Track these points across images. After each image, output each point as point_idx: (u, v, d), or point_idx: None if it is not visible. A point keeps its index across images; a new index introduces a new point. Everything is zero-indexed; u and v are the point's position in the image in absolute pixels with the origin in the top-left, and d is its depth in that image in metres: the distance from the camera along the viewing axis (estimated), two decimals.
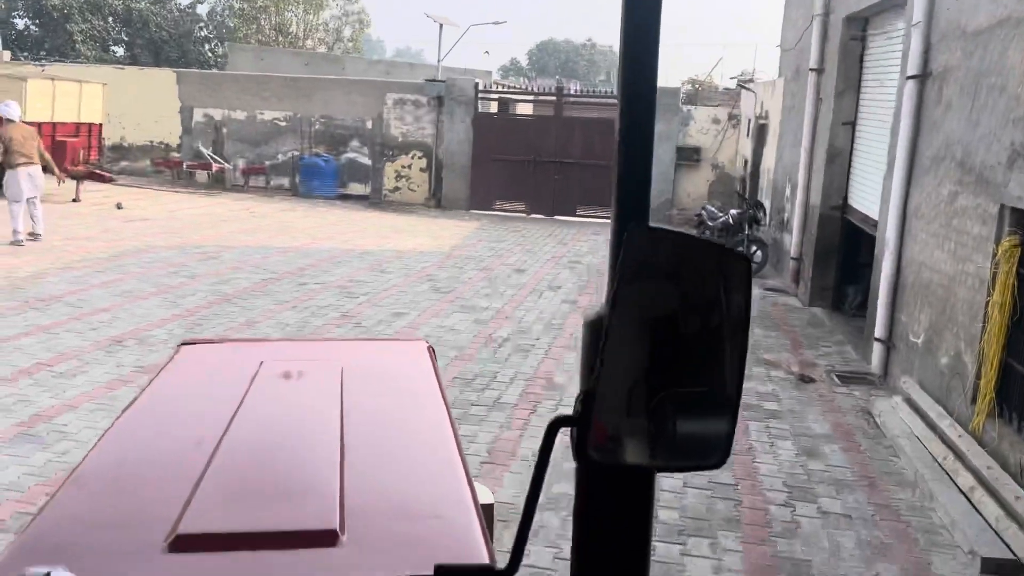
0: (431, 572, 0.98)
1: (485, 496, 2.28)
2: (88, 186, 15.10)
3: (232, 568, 0.99)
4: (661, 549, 3.87)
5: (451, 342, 7.41)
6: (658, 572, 3.67)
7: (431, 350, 2.02)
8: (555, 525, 4.05)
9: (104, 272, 9.37)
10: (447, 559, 0.99)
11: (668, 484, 4.58)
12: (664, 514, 4.22)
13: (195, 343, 1.98)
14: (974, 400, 4.86)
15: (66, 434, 4.84)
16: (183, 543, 1.02)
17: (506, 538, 3.95)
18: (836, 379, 6.69)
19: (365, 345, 2.12)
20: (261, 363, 1.73)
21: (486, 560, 1.06)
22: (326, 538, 1.05)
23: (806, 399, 6.20)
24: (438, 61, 23.08)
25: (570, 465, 1.02)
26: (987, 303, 4.78)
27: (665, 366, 1.00)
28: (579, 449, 0.97)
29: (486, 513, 2.18)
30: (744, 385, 4.59)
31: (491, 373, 6.55)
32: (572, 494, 1.12)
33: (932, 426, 5.16)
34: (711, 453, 1.00)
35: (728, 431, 0.99)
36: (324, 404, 1.52)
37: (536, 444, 5.24)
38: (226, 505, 1.14)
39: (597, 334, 1.18)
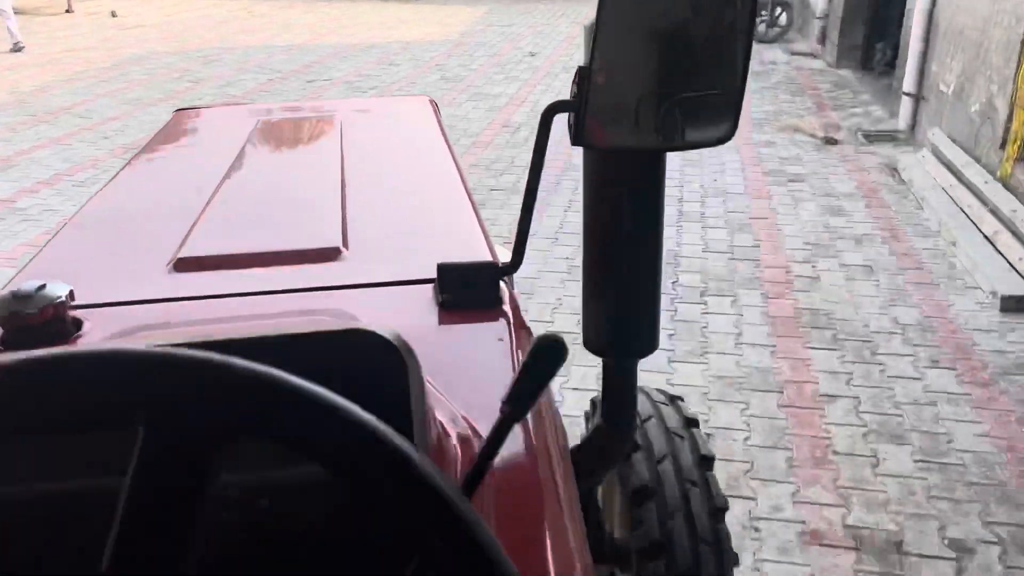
0: (434, 275, 0.98)
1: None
2: None
3: (236, 283, 1.00)
4: (682, 309, 3.96)
5: (465, 130, 7.28)
6: (681, 328, 3.78)
7: (434, 104, 1.96)
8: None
9: (108, 82, 9.16)
10: (450, 260, 0.99)
11: (688, 250, 4.61)
12: (684, 277, 4.28)
13: (190, 108, 1.93)
14: (1003, 145, 4.73)
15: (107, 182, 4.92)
16: (187, 264, 1.03)
17: (532, 309, 4.05)
18: (862, 138, 6.52)
19: (364, 102, 2.06)
20: (258, 120, 1.68)
21: (487, 258, 1.06)
22: (329, 254, 1.05)
23: (830, 160, 6.09)
24: None
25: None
26: (1022, 40, 4.53)
27: (670, 68, 0.94)
28: (576, 134, 0.94)
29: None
30: (766, 151, 4.52)
31: (508, 158, 6.47)
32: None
33: (958, 175, 5.07)
34: (716, 126, 0.95)
35: (734, 110, 0.94)
36: (324, 146, 1.49)
37: (554, 224, 5.29)
38: (228, 231, 1.14)
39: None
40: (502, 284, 1.00)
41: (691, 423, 1.89)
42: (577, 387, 3.30)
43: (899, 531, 2.55)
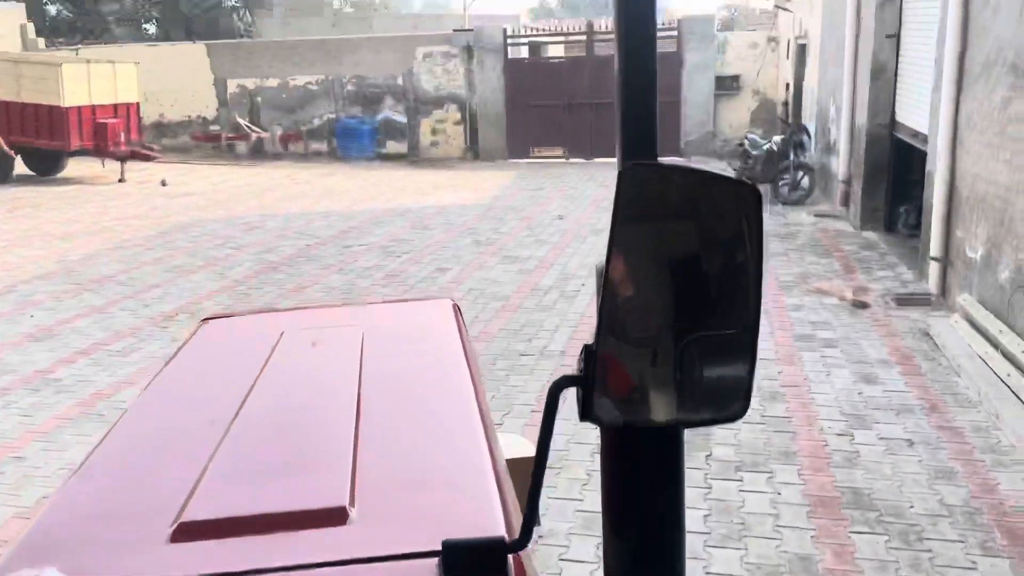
0: (439, 548, 0.95)
1: (527, 449, 2.25)
2: (132, 165, 15.35)
3: (237, 554, 0.97)
4: (717, 487, 3.84)
5: (495, 293, 7.39)
6: (716, 508, 3.64)
7: (456, 308, 1.98)
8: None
9: (154, 249, 9.54)
10: (459, 532, 0.95)
11: None
12: (718, 451, 4.17)
13: (217, 317, 1.97)
14: None
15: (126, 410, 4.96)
16: (186, 531, 1.00)
17: (561, 485, 3.95)
18: (892, 302, 6.50)
19: (389, 307, 2.09)
20: (282, 334, 1.71)
21: (502, 531, 1.02)
22: (335, 516, 1.02)
23: (861, 325, 6.05)
24: (464, 10, 22.70)
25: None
26: None
27: (669, 308, 0.95)
28: (585, 410, 0.92)
29: (528, 467, 2.16)
30: (796, 314, 4.51)
31: (537, 322, 6.52)
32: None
33: (994, 343, 4.99)
34: (730, 402, 0.94)
35: (747, 376, 0.93)
36: (343, 372, 1.49)
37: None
38: (233, 487, 1.12)
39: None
40: (510, 559, 0.96)
41: None
42: None
43: None
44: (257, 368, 1.51)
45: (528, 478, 2.18)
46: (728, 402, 0.94)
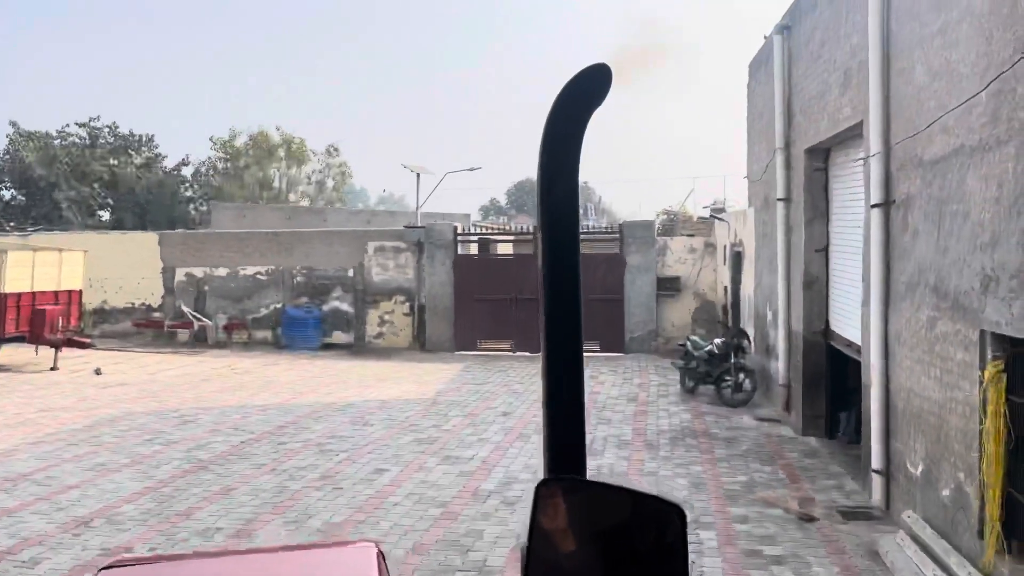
0: None
1: None
2: (68, 352, 14.96)
3: None
4: None
5: (434, 498, 7.11)
6: None
7: (380, 555, 1.84)
8: None
9: (77, 444, 9.08)
10: None
11: None
12: None
13: (117, 566, 1.80)
14: (981, 535, 4.62)
15: None
16: None
17: None
18: (838, 515, 6.40)
19: (305, 555, 1.93)
20: None
21: None
22: None
23: (809, 540, 5.90)
24: (416, 208, 23.59)
25: None
26: (980, 431, 4.62)
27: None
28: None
29: None
30: (742, 527, 4.39)
31: (477, 532, 6.24)
32: None
33: (942, 565, 4.88)
34: None
35: None
36: None
37: None
38: None
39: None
40: None
41: None
42: None
43: None
44: None
45: None
46: None
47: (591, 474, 1.09)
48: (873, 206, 6.55)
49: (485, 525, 6.42)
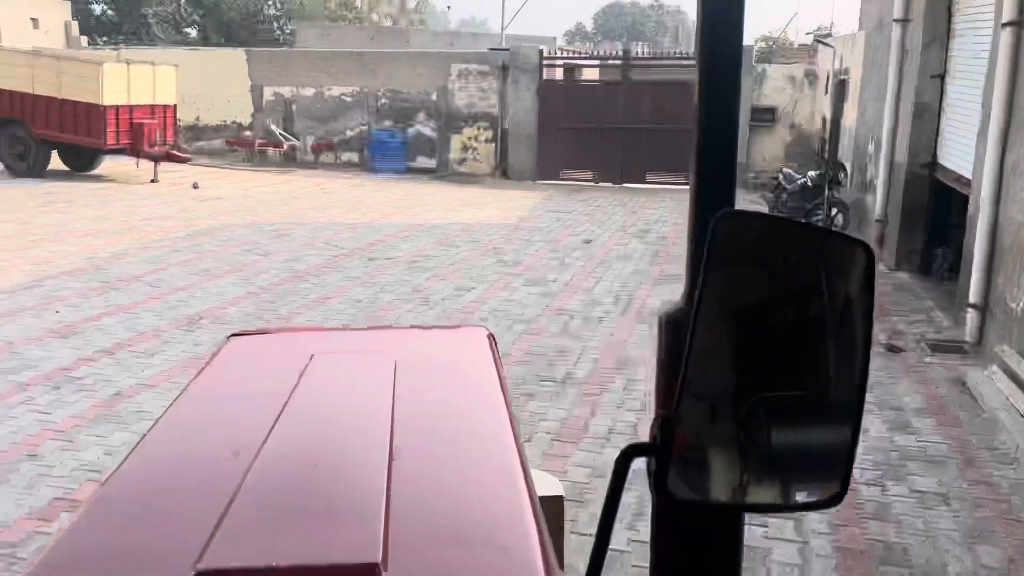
0: None
1: (553, 487, 2.15)
2: (165, 167, 15.47)
3: None
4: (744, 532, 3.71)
5: (519, 316, 7.31)
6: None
7: (491, 338, 1.90)
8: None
9: (180, 251, 9.56)
10: None
11: None
12: None
13: (244, 335, 1.90)
14: None
15: (144, 413, 4.92)
16: None
17: (581, 519, 3.84)
18: (927, 348, 6.34)
19: (421, 333, 2.01)
20: (311, 357, 1.63)
21: None
22: (366, 573, 0.94)
23: (895, 370, 5.90)
24: (502, 30, 22.80)
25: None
26: None
27: (758, 368, 0.86)
28: (658, 482, 0.83)
29: (553, 506, 2.05)
30: None
31: (560, 347, 6.43)
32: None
33: None
34: (825, 485, 0.84)
35: (848, 454, 0.83)
36: (375, 404, 1.41)
37: (606, 422, 5.13)
38: (256, 533, 1.04)
39: (674, 331, 1.03)
40: None
41: None
42: None
43: None
44: (285, 394, 1.44)
45: (551, 519, 2.07)
46: (822, 484, 0.84)
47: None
48: (1004, 24, 6.01)
49: (568, 342, 6.59)
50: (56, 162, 15.55)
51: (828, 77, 14.72)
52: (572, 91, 17.96)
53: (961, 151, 7.60)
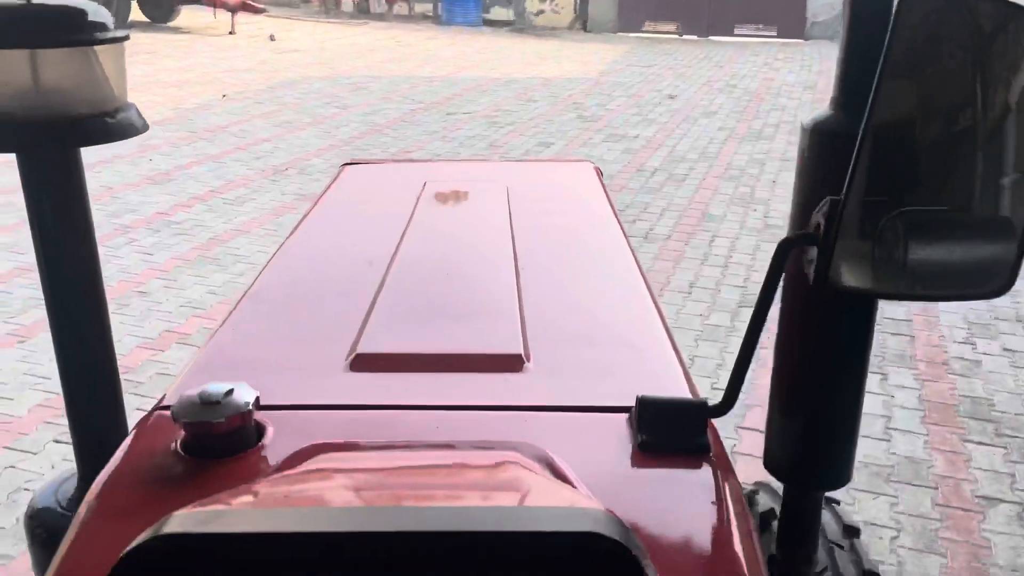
0: (631, 404, 0.89)
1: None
2: (241, 18, 15.37)
3: (415, 389, 0.94)
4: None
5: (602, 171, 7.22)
6: None
7: (598, 171, 1.90)
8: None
9: (263, 103, 9.63)
10: (644, 391, 0.89)
11: None
12: None
13: (357, 163, 1.94)
14: None
15: (240, 257, 5.12)
16: (365, 363, 0.98)
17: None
18: None
19: (529, 165, 2.01)
20: (424, 183, 1.66)
21: (687, 394, 0.97)
22: (511, 363, 0.98)
23: None
24: None
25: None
26: None
27: (946, 171, 0.83)
28: (819, 273, 0.83)
29: None
30: None
31: (642, 204, 6.37)
32: None
33: None
34: (989, 279, 0.83)
35: (1017, 257, 0.80)
36: (493, 223, 1.44)
37: (688, 277, 5.12)
38: (406, 324, 1.09)
39: (823, 142, 1.01)
40: (710, 427, 0.90)
41: (852, 532, 1.74)
42: None
43: None
44: (406, 214, 1.47)
45: None
46: (986, 278, 0.84)
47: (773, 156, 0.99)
48: None
49: (650, 198, 6.52)
50: (136, 13, 15.59)
51: None
52: None
53: None
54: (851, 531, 1.73)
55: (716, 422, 0.90)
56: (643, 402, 0.87)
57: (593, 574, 0.50)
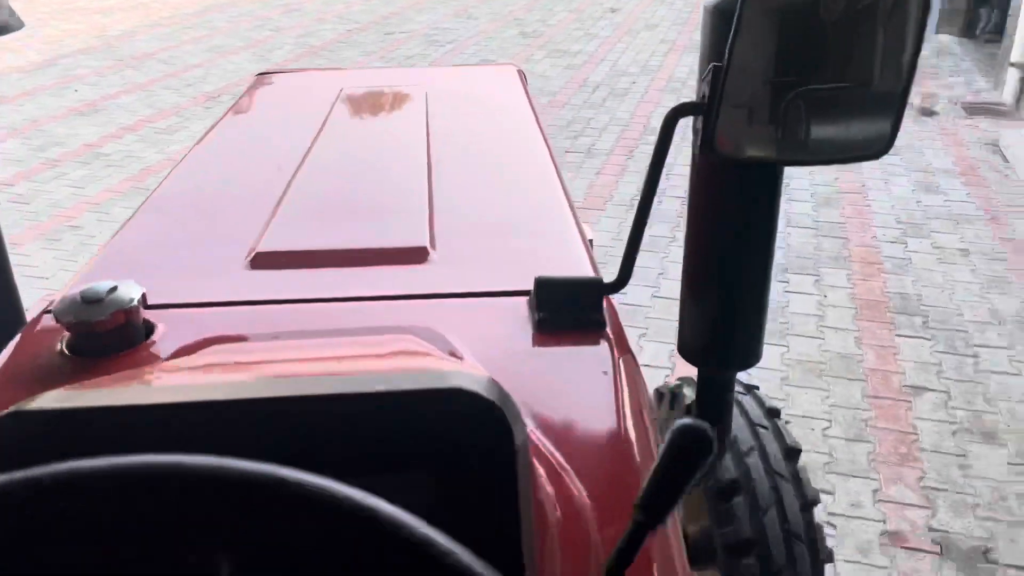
0: (530, 288, 0.91)
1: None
2: None
3: (315, 284, 0.94)
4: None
5: (542, 88, 7.13)
6: None
7: (521, 74, 1.87)
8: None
9: (193, 28, 9.26)
10: (546, 273, 0.91)
11: None
12: None
13: (271, 72, 1.89)
14: None
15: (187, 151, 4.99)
16: (265, 260, 0.98)
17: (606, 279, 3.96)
18: (962, 110, 6.17)
19: (451, 70, 1.98)
20: (341, 89, 1.62)
21: (591, 274, 0.98)
22: (415, 255, 0.98)
23: (926, 133, 5.78)
24: None
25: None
26: None
27: (803, 58, 0.84)
28: (705, 141, 0.84)
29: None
30: None
31: (585, 119, 6.32)
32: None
33: None
34: (869, 144, 0.85)
35: (892, 124, 0.84)
36: (409, 125, 1.42)
37: (631, 190, 5.14)
38: (309, 222, 1.08)
39: (722, 20, 1.01)
40: (606, 304, 0.92)
41: (773, 413, 1.81)
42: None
43: (989, 537, 2.43)
44: (320, 119, 1.45)
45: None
46: (866, 144, 0.86)
47: None
48: None
49: (593, 113, 6.48)
50: None
51: None
52: None
53: None
54: (773, 413, 1.80)
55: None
56: (540, 282, 0.88)
57: (459, 427, 0.51)
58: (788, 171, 4.80)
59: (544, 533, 0.60)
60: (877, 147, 0.84)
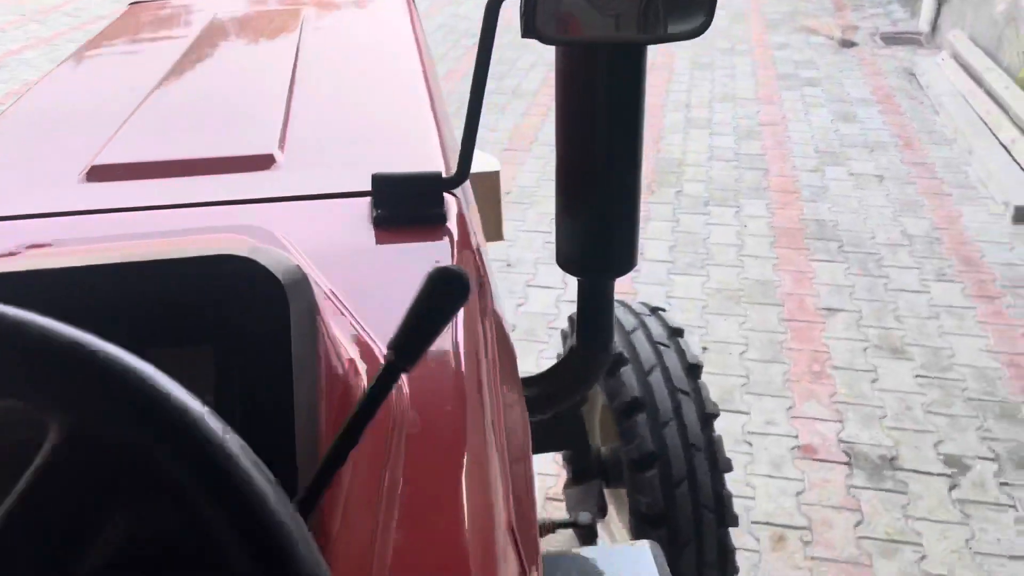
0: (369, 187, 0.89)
1: (489, 164, 2.18)
2: None
3: (153, 194, 0.91)
4: (684, 221, 3.86)
5: (466, 30, 7.02)
6: (682, 240, 3.69)
7: (410, 1, 1.82)
8: None
9: None
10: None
11: (693, 158, 4.47)
12: (688, 187, 4.16)
13: (143, 1, 1.81)
14: None
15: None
16: (100, 172, 0.94)
17: (530, 217, 3.95)
18: (880, 41, 6.26)
19: None
20: (214, 15, 1.56)
21: (440, 170, 0.96)
22: (261, 163, 0.95)
23: (846, 64, 5.85)
24: None
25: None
26: None
27: None
28: (527, 24, 0.83)
29: (490, 181, 2.09)
30: (780, 53, 4.31)
31: (511, 60, 6.24)
32: None
33: (978, 81, 4.86)
34: (692, 16, 0.85)
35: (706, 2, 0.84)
36: (278, 46, 1.38)
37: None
38: (152, 136, 1.04)
39: None
40: (449, 200, 0.90)
41: (676, 333, 1.84)
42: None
43: (894, 446, 2.52)
44: (186, 43, 1.39)
45: (488, 192, 2.10)
46: (689, 16, 0.85)
47: None
48: None
49: (518, 54, 6.39)
50: None
51: None
52: None
53: None
54: (675, 332, 1.83)
55: None
56: (377, 179, 0.87)
57: (235, 296, 0.51)
58: (710, 107, 4.80)
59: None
60: (696, 23, 0.84)
